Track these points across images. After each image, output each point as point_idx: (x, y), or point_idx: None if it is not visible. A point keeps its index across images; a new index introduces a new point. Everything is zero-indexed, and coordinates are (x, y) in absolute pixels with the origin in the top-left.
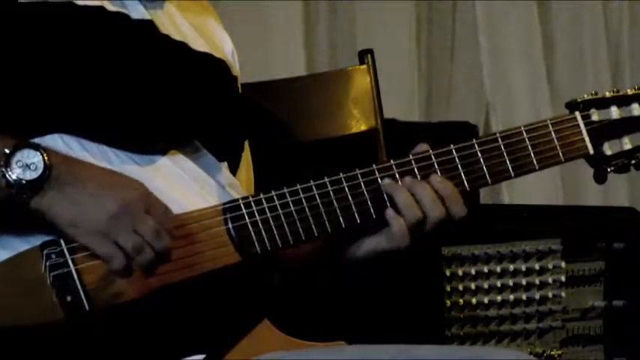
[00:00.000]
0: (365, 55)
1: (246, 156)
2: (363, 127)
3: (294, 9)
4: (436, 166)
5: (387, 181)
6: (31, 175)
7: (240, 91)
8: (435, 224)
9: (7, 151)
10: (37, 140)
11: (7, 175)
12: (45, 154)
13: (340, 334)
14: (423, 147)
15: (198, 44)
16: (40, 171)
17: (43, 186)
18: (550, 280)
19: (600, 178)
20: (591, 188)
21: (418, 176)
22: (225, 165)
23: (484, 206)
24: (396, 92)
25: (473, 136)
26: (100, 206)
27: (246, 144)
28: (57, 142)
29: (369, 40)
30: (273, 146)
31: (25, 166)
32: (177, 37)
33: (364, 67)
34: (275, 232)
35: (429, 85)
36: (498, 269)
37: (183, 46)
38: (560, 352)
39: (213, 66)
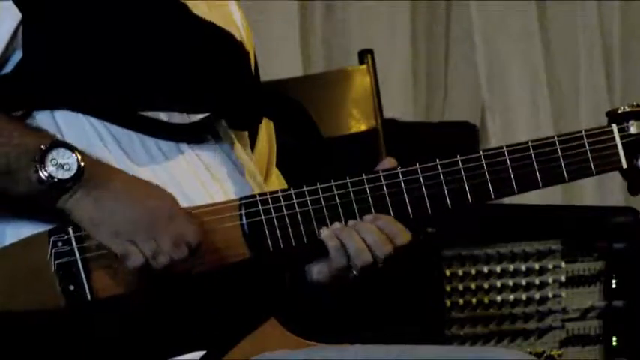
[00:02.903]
0: (365, 55)
1: (269, 132)
2: (363, 127)
3: (290, 9)
4: (462, 173)
5: (326, 231)
6: (63, 175)
7: (253, 67)
8: (384, 262)
9: (43, 147)
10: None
11: (40, 172)
12: (80, 156)
13: (342, 334)
14: (387, 163)
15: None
16: (72, 172)
17: (73, 187)
18: (550, 280)
19: (634, 190)
20: (589, 188)
21: (443, 181)
22: (241, 150)
23: (484, 206)
24: (396, 92)
25: (472, 135)
26: (123, 213)
27: (266, 124)
28: (82, 121)
29: (365, 40)
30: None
31: (59, 165)
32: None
33: (364, 67)
34: (290, 230)
35: (425, 86)
36: (498, 269)
37: (212, 25)
38: (559, 352)
39: (234, 45)
